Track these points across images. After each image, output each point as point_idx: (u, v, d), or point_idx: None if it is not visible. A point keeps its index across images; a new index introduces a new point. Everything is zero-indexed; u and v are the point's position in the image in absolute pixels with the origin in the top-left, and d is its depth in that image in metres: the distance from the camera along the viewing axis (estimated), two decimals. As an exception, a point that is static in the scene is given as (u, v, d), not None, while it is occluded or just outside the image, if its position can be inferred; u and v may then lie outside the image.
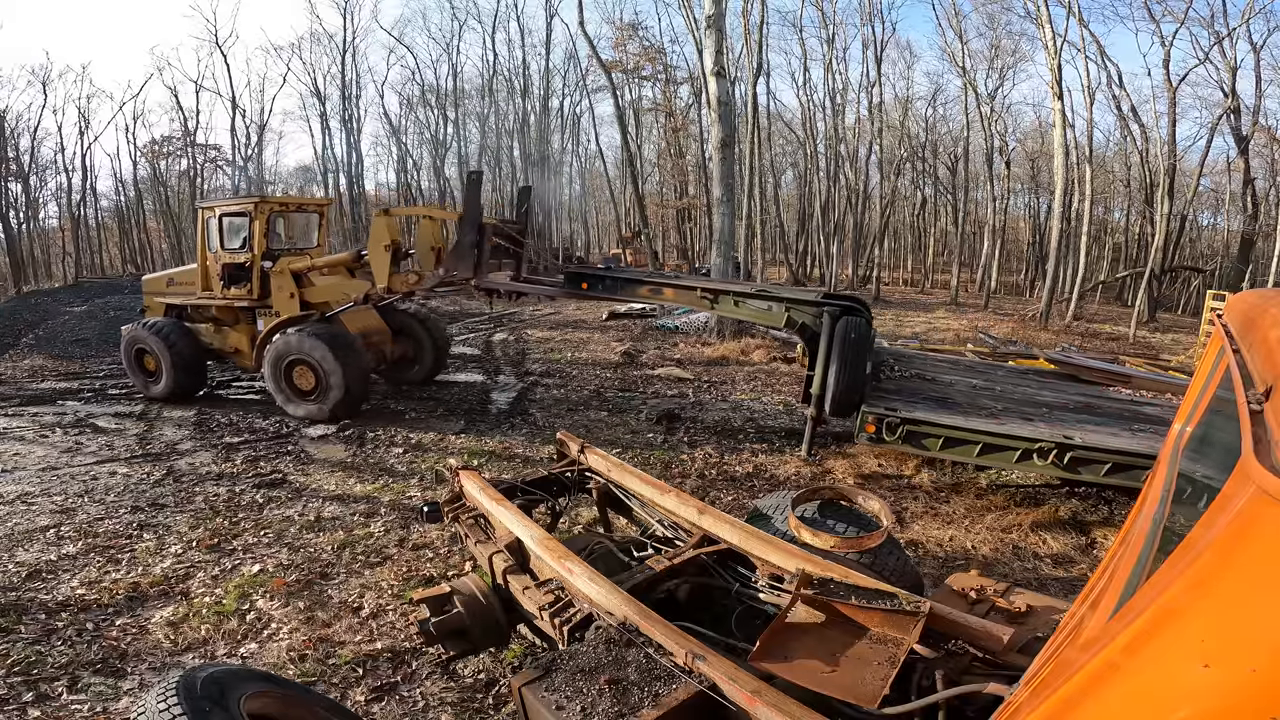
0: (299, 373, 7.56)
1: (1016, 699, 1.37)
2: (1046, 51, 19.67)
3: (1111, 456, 4.91)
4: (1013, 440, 5.16)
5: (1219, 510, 0.82)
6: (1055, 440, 5.02)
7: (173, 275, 9.11)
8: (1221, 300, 10.94)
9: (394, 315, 8.95)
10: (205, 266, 8.35)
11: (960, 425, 5.35)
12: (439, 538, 4.84)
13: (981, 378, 7.45)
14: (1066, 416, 5.93)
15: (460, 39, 46.99)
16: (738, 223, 16.45)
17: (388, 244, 7.37)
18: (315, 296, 8.01)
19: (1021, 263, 36.78)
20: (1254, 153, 23.22)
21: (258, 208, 8.07)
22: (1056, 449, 4.99)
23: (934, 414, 5.59)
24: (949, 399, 6.30)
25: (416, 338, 9.09)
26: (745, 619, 2.65)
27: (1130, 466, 4.87)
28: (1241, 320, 1.41)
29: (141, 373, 8.50)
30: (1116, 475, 4.92)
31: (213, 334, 8.57)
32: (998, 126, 26.09)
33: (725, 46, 12.44)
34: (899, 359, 8.05)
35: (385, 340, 8.71)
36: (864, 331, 6.16)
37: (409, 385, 9.28)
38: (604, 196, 39.66)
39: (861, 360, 6.07)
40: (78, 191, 33.07)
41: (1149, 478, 1.77)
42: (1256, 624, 0.65)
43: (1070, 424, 5.61)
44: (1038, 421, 5.61)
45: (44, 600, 4.05)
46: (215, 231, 8.27)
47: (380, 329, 8.71)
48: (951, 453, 5.44)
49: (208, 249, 8.32)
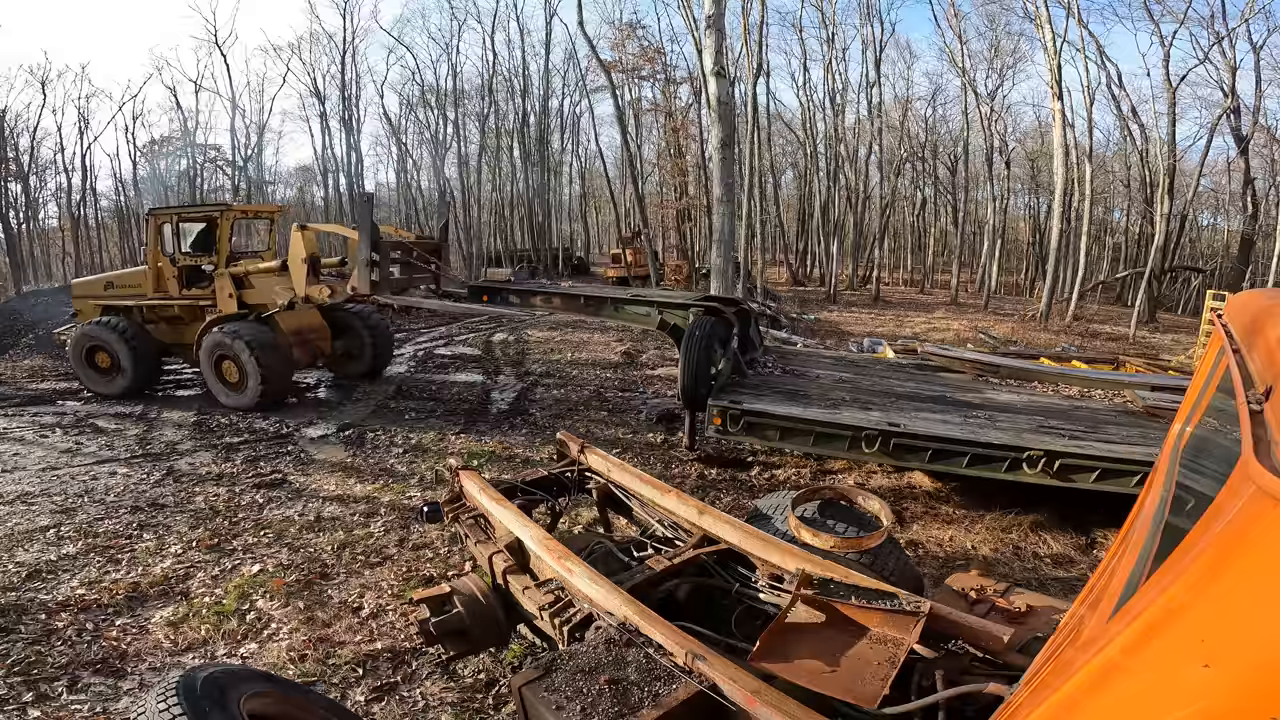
0: (226, 366, 8.16)
1: (1016, 699, 1.37)
2: (1046, 52, 19.68)
3: (930, 443, 5.17)
4: (842, 429, 5.42)
5: (1219, 510, 0.82)
6: (880, 428, 5.28)
7: (110, 279, 9.52)
8: (1221, 300, 10.93)
9: (335, 314, 9.53)
10: (158, 269, 8.81)
11: (796, 416, 5.61)
12: (439, 538, 4.84)
13: (852, 371, 7.70)
14: (906, 405, 6.17)
15: (460, 39, 46.95)
16: (738, 223, 16.44)
17: (304, 257, 7.89)
18: (254, 298, 8.58)
19: (1021, 263, 36.80)
20: (1254, 153, 23.22)
21: (224, 214, 8.74)
22: (881, 436, 5.26)
23: (774, 406, 5.81)
24: (801, 392, 6.56)
25: (357, 335, 9.72)
26: (745, 619, 2.65)
27: (949, 453, 5.14)
28: (1241, 320, 1.41)
29: (93, 370, 8.81)
30: (939, 461, 5.20)
31: (164, 331, 9.08)
32: (997, 126, 26.09)
33: (725, 46, 12.44)
34: (782, 356, 8.37)
35: (324, 338, 9.31)
36: (710, 331, 6.52)
37: (351, 379, 9.92)
38: (604, 196, 39.61)
39: (706, 358, 6.38)
40: (77, 191, 33.09)
41: (1149, 478, 1.77)
42: (1256, 624, 0.65)
43: (907, 412, 5.85)
44: (875, 411, 5.83)
45: (44, 600, 4.05)
46: (170, 236, 8.79)
47: (318, 327, 9.26)
48: (789, 442, 5.77)
49: (161, 253, 8.80)
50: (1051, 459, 4.90)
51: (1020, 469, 4.98)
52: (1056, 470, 4.90)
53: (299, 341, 8.74)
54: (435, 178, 35.75)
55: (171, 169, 37.33)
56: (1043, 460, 4.90)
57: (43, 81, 30.37)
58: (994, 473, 5.10)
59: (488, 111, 33.07)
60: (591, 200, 44.73)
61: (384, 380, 10.11)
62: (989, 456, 5.07)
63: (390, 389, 9.54)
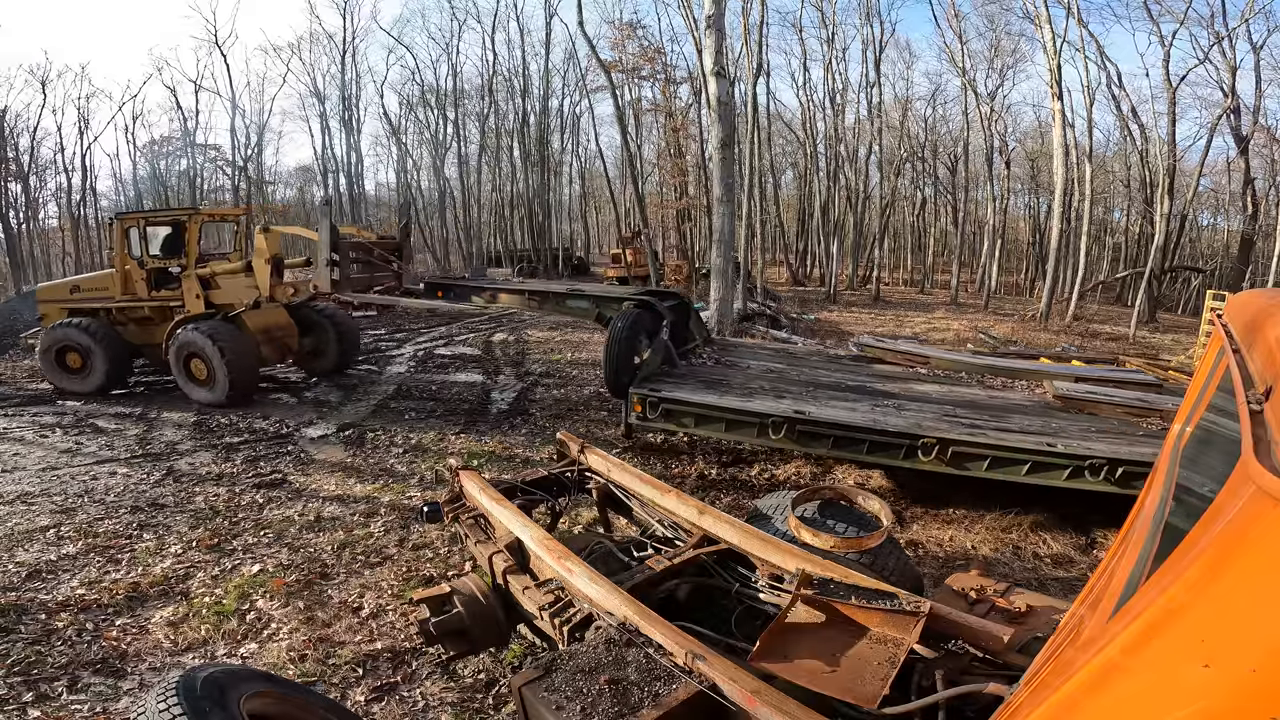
0: (195, 364, 8.41)
1: (1016, 699, 1.37)
2: (1046, 52, 19.68)
3: (832, 430, 5.36)
4: (751, 416, 5.61)
5: (1219, 510, 0.82)
6: (786, 415, 5.46)
7: (76, 283, 9.74)
8: (1221, 300, 10.94)
9: (302, 313, 9.75)
10: (125, 272, 9.03)
11: (709, 404, 5.82)
12: (439, 538, 4.84)
13: (785, 362, 7.88)
14: (824, 395, 6.34)
15: (460, 39, 46.92)
16: (738, 223, 16.44)
17: (268, 258, 8.30)
18: (220, 298, 8.89)
19: (1021, 263, 36.79)
20: (1254, 153, 23.21)
21: (192, 218, 9.03)
22: (786, 423, 5.43)
23: (691, 394, 6.00)
24: (723, 382, 6.73)
25: (325, 332, 9.98)
26: (745, 619, 2.65)
27: (850, 440, 5.30)
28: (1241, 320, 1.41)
29: (63, 371, 8.99)
30: (841, 448, 5.38)
31: (133, 332, 9.28)
32: (997, 126, 26.07)
33: (725, 46, 12.44)
34: (723, 348, 8.57)
35: (291, 335, 9.56)
36: (633, 323, 6.93)
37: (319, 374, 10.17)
38: (604, 196, 39.59)
39: (629, 348, 6.77)
40: (77, 191, 33.10)
41: (1149, 478, 1.77)
42: (1257, 624, 0.65)
43: (821, 401, 6.01)
44: (788, 400, 5.98)
45: (44, 600, 4.05)
46: (137, 240, 9.01)
47: (285, 325, 9.46)
48: (703, 429, 5.94)
49: (129, 256, 9.00)
50: (944, 446, 5.04)
51: (916, 457, 5.12)
52: (950, 458, 5.04)
53: (266, 339, 9.00)
54: (435, 178, 35.76)
55: (171, 169, 37.39)
56: (936, 448, 5.04)
57: (43, 81, 30.41)
58: (892, 459, 5.26)
59: (488, 111, 33.10)
60: (591, 200, 44.72)
61: (384, 380, 10.12)
62: (886, 444, 5.22)
63: (390, 389, 9.55)
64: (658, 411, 5.95)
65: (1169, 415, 5.75)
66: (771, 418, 5.51)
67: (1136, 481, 4.72)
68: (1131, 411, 5.95)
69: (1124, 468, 4.71)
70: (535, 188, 32.97)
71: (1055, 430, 5.45)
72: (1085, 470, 4.79)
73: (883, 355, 8.15)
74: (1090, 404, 6.13)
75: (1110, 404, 6.09)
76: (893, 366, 7.83)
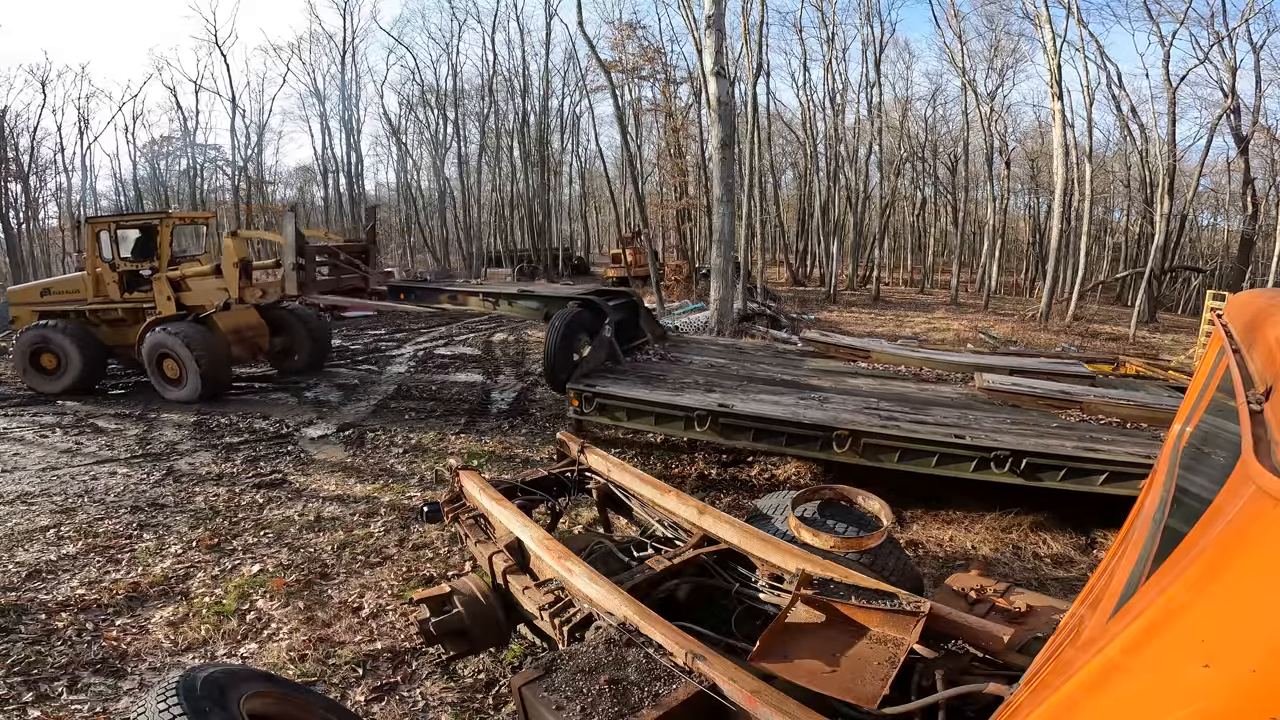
0: (167, 364, 8.65)
1: (1016, 699, 1.37)
2: (1046, 52, 19.67)
3: (753, 423, 5.47)
4: (677, 409, 5.75)
5: (1219, 510, 0.82)
6: (709, 409, 5.60)
7: (47, 285, 9.91)
8: (1221, 300, 10.93)
9: (273, 313, 9.96)
10: (96, 274, 9.18)
11: (639, 398, 5.97)
12: (439, 538, 4.84)
13: (729, 358, 7.98)
14: (755, 389, 6.45)
15: (460, 39, 46.85)
16: (738, 223, 16.44)
17: (236, 261, 8.61)
18: (191, 299, 9.09)
19: (1021, 263, 36.78)
20: (1254, 153, 23.20)
21: (164, 222, 9.23)
22: (710, 416, 5.57)
23: (624, 389, 6.15)
24: (660, 377, 6.85)
25: (295, 333, 10.25)
26: (745, 619, 2.65)
27: (771, 432, 5.43)
28: (1241, 320, 1.41)
29: (38, 372, 9.17)
30: (762, 440, 5.51)
31: (104, 334, 9.43)
32: (997, 126, 26.06)
33: (725, 46, 12.44)
34: (675, 344, 8.77)
35: (262, 335, 9.81)
36: (572, 322, 7.25)
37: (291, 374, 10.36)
38: (604, 196, 39.57)
39: (566, 345, 7.09)
40: (77, 191, 33.15)
41: (1149, 478, 1.77)
42: (1257, 624, 0.65)
43: (751, 394, 6.14)
44: (716, 393, 6.12)
45: (44, 600, 4.05)
46: (108, 243, 9.18)
47: (256, 325, 9.69)
48: (635, 422, 6.09)
49: (100, 259, 9.16)
50: (856, 438, 5.15)
51: (831, 448, 5.23)
52: (863, 450, 5.16)
53: (237, 339, 9.25)
54: (435, 178, 35.76)
55: (171, 169, 37.40)
56: (849, 440, 5.16)
57: (43, 81, 30.44)
58: (810, 451, 5.40)
59: (488, 111, 33.06)
60: (591, 200, 44.70)
61: (384, 380, 10.12)
62: (804, 436, 5.33)
63: (390, 389, 9.55)
64: (593, 406, 6.10)
65: (1089, 407, 5.86)
66: (697, 411, 5.64)
67: (1042, 474, 4.84)
68: (1052, 404, 6.04)
69: (1028, 459, 4.81)
70: (535, 188, 32.96)
71: (970, 422, 5.53)
72: (991, 462, 4.88)
73: (826, 349, 8.29)
74: (1013, 396, 6.26)
75: (1032, 396, 6.19)
76: (835, 361, 7.96)
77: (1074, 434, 5.33)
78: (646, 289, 20.25)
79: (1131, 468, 4.64)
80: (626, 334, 7.92)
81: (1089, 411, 5.82)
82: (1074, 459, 4.79)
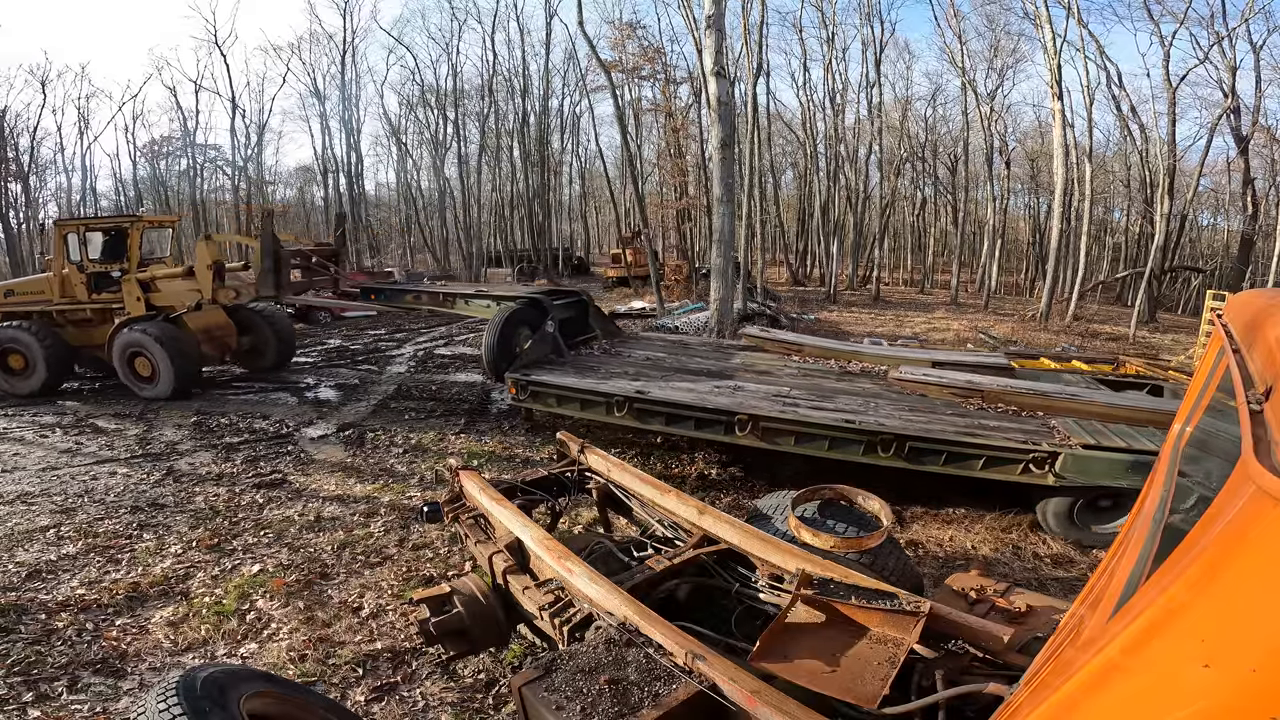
0: (139, 362, 8.85)
1: (1016, 699, 1.37)
2: (1046, 52, 19.67)
3: (664, 408, 5.91)
4: (599, 396, 6.23)
5: (1219, 510, 0.82)
6: (627, 395, 6.04)
7: (11, 287, 10.08)
8: (1221, 300, 10.92)
9: (241, 314, 10.24)
10: (63, 275, 9.35)
11: (568, 385, 6.47)
12: (439, 538, 4.84)
13: (669, 352, 8.33)
14: (679, 378, 6.82)
15: (460, 39, 46.94)
16: (738, 223, 16.44)
17: (209, 264, 8.93)
18: (160, 300, 9.34)
19: (1021, 263, 36.75)
20: (1254, 153, 23.17)
21: (134, 225, 9.49)
22: (628, 402, 6.02)
23: (555, 378, 6.66)
24: (594, 368, 7.28)
25: (261, 333, 10.51)
26: (745, 619, 2.65)
27: (680, 417, 5.86)
28: (1241, 320, 1.41)
29: (6, 372, 9.30)
30: (674, 425, 5.93)
31: (71, 334, 9.60)
32: (997, 126, 26.04)
33: (725, 46, 12.43)
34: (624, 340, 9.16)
35: (230, 335, 10.07)
36: (512, 317, 7.85)
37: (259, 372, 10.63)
38: (604, 196, 39.56)
39: (506, 338, 7.69)
40: (78, 192, 33.14)
41: (1149, 478, 1.77)
42: (1256, 624, 0.65)
43: (672, 383, 6.56)
44: (642, 382, 6.54)
45: (44, 600, 4.05)
46: (76, 245, 9.36)
47: (224, 325, 9.95)
48: (564, 408, 6.60)
49: (67, 260, 9.34)
50: (755, 422, 5.49)
51: (734, 432, 5.58)
52: (762, 434, 5.50)
53: (206, 339, 9.52)
54: (435, 178, 35.74)
55: (171, 169, 37.40)
56: (749, 424, 5.50)
57: (43, 81, 30.45)
58: (716, 435, 5.76)
59: (488, 111, 33.04)
60: (591, 200, 44.69)
61: (384, 380, 10.13)
62: (710, 420, 5.71)
63: (390, 389, 9.55)
64: (527, 393, 6.65)
65: (989, 396, 6.03)
66: (615, 397, 6.08)
67: (925, 458, 5.06)
68: (956, 392, 6.22)
69: (910, 443, 5.05)
70: (535, 188, 32.95)
71: (869, 409, 5.72)
72: (877, 446, 5.13)
73: (763, 344, 8.57)
74: (922, 385, 6.44)
75: (939, 386, 6.37)
76: (769, 355, 8.19)
77: (966, 420, 5.53)
78: (647, 289, 20.26)
79: (1008, 452, 4.90)
80: (576, 330, 8.51)
81: (989, 400, 6.01)
82: (953, 443, 5.02)
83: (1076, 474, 4.79)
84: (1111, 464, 4.74)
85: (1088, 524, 4.98)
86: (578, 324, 8.68)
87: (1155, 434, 5.06)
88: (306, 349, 13.15)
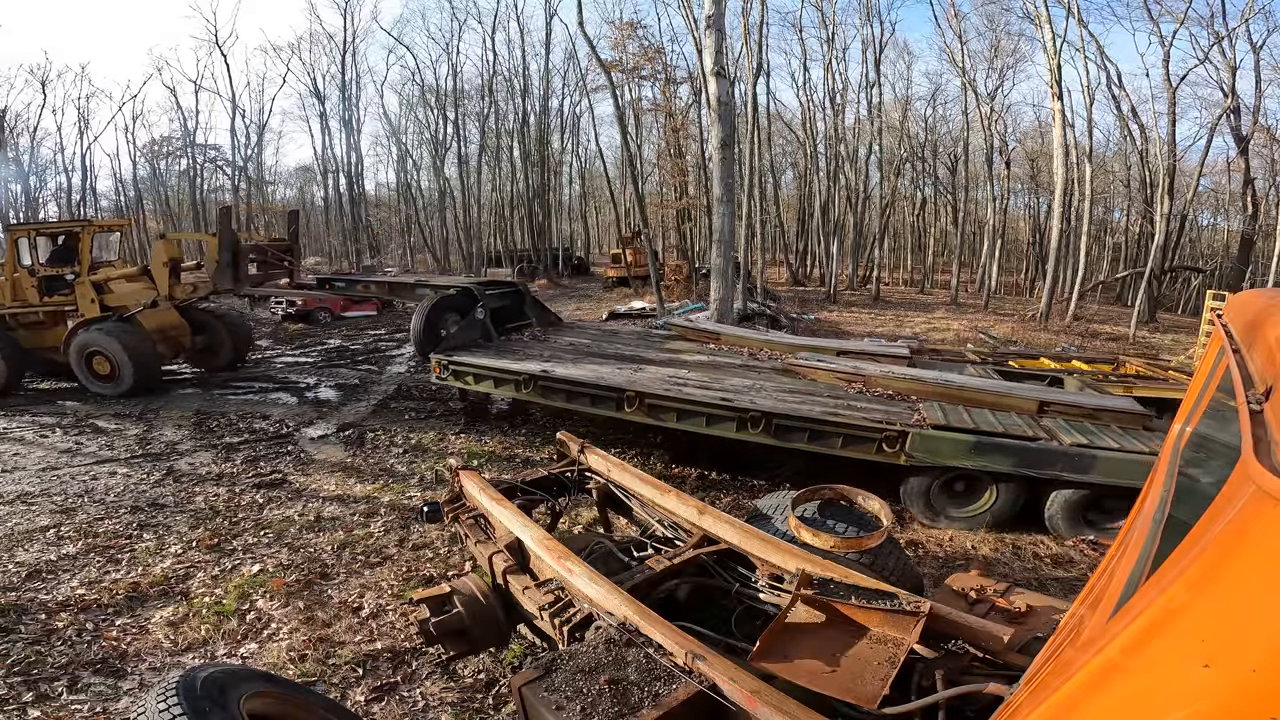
0: (97, 361, 8.98)
1: (1016, 699, 1.37)
2: (1046, 52, 19.67)
3: (564, 385, 6.36)
4: (509, 374, 6.70)
5: (1219, 510, 0.82)
6: (532, 373, 6.53)
7: None
8: (1221, 300, 10.91)
9: (194, 314, 10.40)
10: (13, 280, 9.49)
11: (483, 365, 6.93)
12: (439, 538, 4.84)
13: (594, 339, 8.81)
14: (590, 361, 7.23)
15: (460, 39, 47.01)
16: (738, 223, 16.43)
17: (165, 261, 9.36)
18: (114, 301, 9.48)
19: (1021, 263, 36.75)
20: (1254, 153, 23.17)
21: (85, 229, 9.71)
22: (533, 379, 6.51)
23: (475, 359, 7.10)
24: (519, 352, 7.70)
25: (215, 332, 10.70)
26: (745, 619, 2.65)
27: (578, 394, 6.28)
28: (1241, 320, 1.41)
29: None
30: (573, 401, 6.34)
31: (24, 336, 9.69)
32: (997, 126, 26.03)
33: (725, 46, 12.43)
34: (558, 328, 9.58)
35: (184, 334, 10.23)
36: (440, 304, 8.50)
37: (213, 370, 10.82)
38: (604, 196, 39.54)
39: (433, 322, 8.36)
40: (77, 191, 33.14)
41: (1149, 477, 1.77)
42: (1257, 624, 0.65)
43: (581, 365, 6.97)
44: (550, 364, 6.93)
45: (44, 600, 4.05)
46: (27, 249, 9.59)
47: (178, 325, 10.09)
48: (481, 385, 7.02)
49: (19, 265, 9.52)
50: (642, 399, 5.88)
51: (623, 408, 6.00)
52: (648, 410, 5.88)
53: (161, 337, 9.68)
54: (435, 178, 35.75)
55: (171, 169, 37.41)
56: (636, 400, 5.91)
57: (43, 81, 30.48)
58: (609, 411, 6.17)
59: (488, 111, 33.05)
60: (591, 200, 44.68)
61: (384, 380, 10.12)
62: (603, 397, 6.15)
63: (390, 389, 9.54)
64: (449, 371, 7.12)
65: (869, 381, 6.32)
66: (522, 375, 6.57)
67: (790, 435, 5.38)
68: (842, 377, 6.53)
69: (776, 421, 5.35)
70: (535, 188, 32.93)
71: (751, 391, 5.99)
72: (748, 423, 5.43)
73: (684, 333, 8.95)
74: (811, 370, 6.76)
75: (825, 370, 6.66)
76: (688, 342, 8.53)
77: (837, 402, 5.76)
78: (647, 289, 20.25)
79: (863, 431, 5.13)
80: (510, 318, 9.03)
81: (869, 385, 6.28)
82: (815, 421, 5.25)
83: (925, 454, 4.96)
84: (956, 444, 4.90)
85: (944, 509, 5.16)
86: (512, 312, 9.15)
87: (1011, 418, 5.32)
88: (306, 349, 13.15)
